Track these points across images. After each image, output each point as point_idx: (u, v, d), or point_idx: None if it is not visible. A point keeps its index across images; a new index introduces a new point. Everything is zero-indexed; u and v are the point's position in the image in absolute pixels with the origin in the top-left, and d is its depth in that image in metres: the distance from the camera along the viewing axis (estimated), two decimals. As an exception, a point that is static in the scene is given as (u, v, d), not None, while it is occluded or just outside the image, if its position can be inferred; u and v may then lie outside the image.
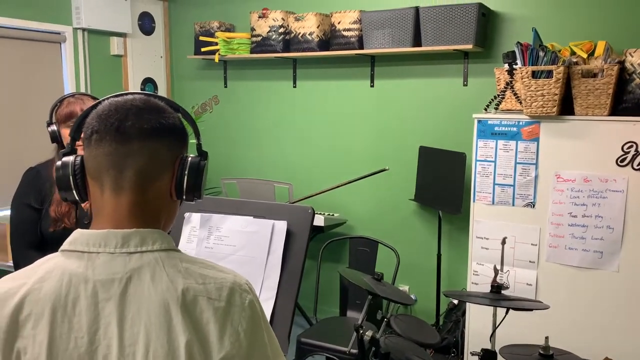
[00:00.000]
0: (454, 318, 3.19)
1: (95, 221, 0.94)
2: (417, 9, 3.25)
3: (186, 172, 0.95)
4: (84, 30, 3.68)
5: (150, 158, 0.92)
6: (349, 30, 3.50)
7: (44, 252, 2.22)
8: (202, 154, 1.00)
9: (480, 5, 3.10)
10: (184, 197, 0.97)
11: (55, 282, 0.87)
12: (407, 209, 3.61)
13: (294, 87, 3.95)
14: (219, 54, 3.86)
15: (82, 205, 2.20)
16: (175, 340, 0.85)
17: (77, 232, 0.92)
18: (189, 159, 0.96)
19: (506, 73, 2.73)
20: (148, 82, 4.22)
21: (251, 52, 3.84)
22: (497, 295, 1.94)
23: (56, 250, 2.37)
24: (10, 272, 3.07)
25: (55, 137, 2.19)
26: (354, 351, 2.14)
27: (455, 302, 3.27)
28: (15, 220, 2.20)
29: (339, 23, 3.53)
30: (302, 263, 1.37)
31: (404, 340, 2.22)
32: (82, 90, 3.72)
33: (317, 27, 3.58)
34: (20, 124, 3.39)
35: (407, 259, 3.50)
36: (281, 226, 1.41)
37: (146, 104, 0.94)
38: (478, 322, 2.80)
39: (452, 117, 3.42)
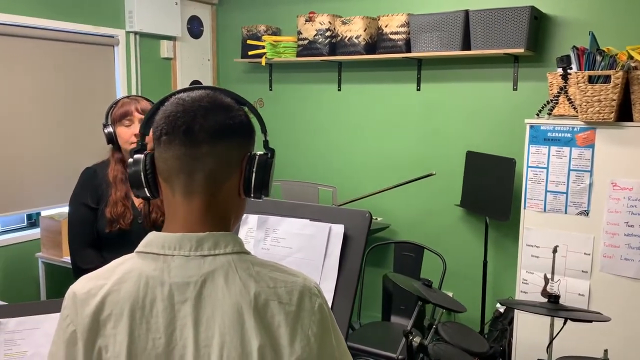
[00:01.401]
0: (500, 327, 3.13)
1: (168, 223, 0.96)
2: (467, 12, 3.21)
3: (254, 170, 0.95)
4: (136, 33, 3.78)
5: (220, 160, 0.92)
6: (396, 33, 3.48)
7: (100, 250, 2.29)
8: (270, 151, 1.00)
9: (533, 8, 3.04)
10: (252, 195, 0.97)
11: (133, 284, 0.89)
12: (453, 214, 3.56)
13: (339, 90, 3.96)
14: (265, 57, 3.90)
15: (137, 204, 2.25)
16: (248, 343, 0.86)
17: (153, 235, 0.94)
18: (257, 156, 0.96)
19: (560, 78, 2.66)
20: (195, 84, 4.29)
21: (297, 56, 3.87)
22: (554, 305, 1.89)
23: (112, 250, 2.42)
24: (63, 267, 3.18)
25: (111, 139, 2.25)
26: (402, 357, 2.12)
27: (502, 310, 3.20)
28: (72, 219, 2.26)
29: (386, 26, 3.52)
30: (359, 267, 1.36)
31: (452, 347, 2.20)
32: (133, 92, 3.82)
33: (364, 30, 3.57)
34: (74, 124, 3.50)
35: (452, 266, 3.45)
36: (338, 230, 1.41)
37: (212, 103, 0.94)
38: (527, 332, 2.73)
39: (500, 122, 3.36)
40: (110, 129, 2.23)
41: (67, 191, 3.53)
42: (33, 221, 3.46)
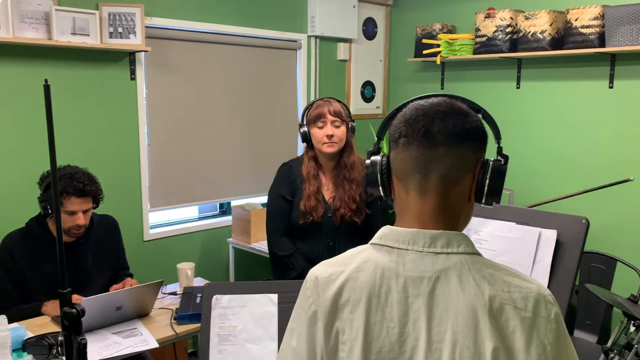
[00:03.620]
0: None
1: (400, 219, 1.00)
2: (677, 0, 2.87)
3: (488, 176, 0.97)
4: (316, 37, 3.99)
5: (455, 162, 0.95)
6: (587, 27, 3.23)
7: (294, 240, 2.47)
8: (504, 157, 1.01)
9: None
10: (483, 200, 0.99)
11: (370, 273, 0.94)
12: (649, 225, 3.21)
13: (517, 88, 3.79)
14: (440, 56, 3.87)
15: (327, 199, 2.38)
16: (482, 345, 0.87)
17: (387, 228, 0.99)
18: (491, 162, 0.98)
19: None
20: (367, 85, 4.41)
21: (474, 53, 3.78)
22: None
23: (304, 240, 2.59)
24: (249, 252, 3.47)
25: (306, 138, 2.40)
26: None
27: None
28: (271, 209, 2.46)
29: (576, 20, 3.28)
30: (573, 278, 1.30)
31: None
32: (312, 93, 4.05)
33: (550, 25, 3.37)
34: (261, 124, 3.81)
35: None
36: (549, 235, 1.36)
37: (450, 109, 0.97)
38: None
39: None
40: (305, 129, 2.38)
41: (253, 184, 3.88)
42: (224, 210, 3.84)
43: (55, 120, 3.21)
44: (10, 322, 1.98)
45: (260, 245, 3.35)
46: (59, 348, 1.96)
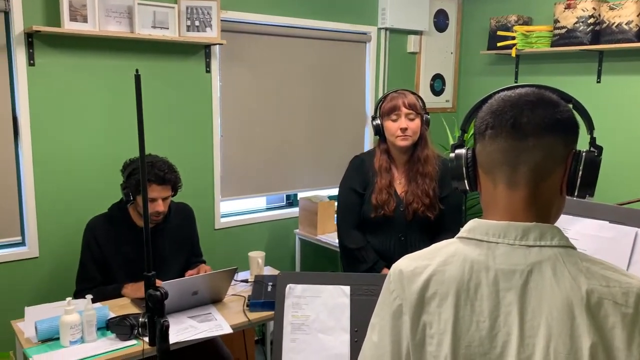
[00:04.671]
0: None
1: (488, 212, 0.98)
2: None
3: (580, 168, 0.93)
4: (386, 29, 3.95)
5: (545, 154, 0.91)
6: (680, 17, 3.03)
7: (364, 233, 2.46)
8: (597, 148, 0.97)
9: None
10: (576, 193, 0.94)
11: (458, 267, 0.92)
12: None
13: (598, 82, 3.60)
14: (515, 48, 3.74)
15: (399, 193, 2.36)
16: (578, 340, 0.83)
17: (475, 221, 0.97)
18: (584, 153, 0.93)
19: None
20: (437, 78, 4.33)
21: (551, 45, 3.63)
22: None
23: (374, 233, 2.57)
24: (315, 244, 3.50)
25: (378, 131, 2.38)
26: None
27: None
28: (342, 202, 2.46)
29: (667, 9, 3.08)
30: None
31: None
32: (381, 86, 4.01)
33: (637, 15, 3.18)
34: (329, 117, 3.82)
35: None
36: (647, 236, 1.29)
37: (539, 99, 0.93)
38: None
39: None
40: (378, 122, 2.35)
41: (320, 177, 3.91)
42: (290, 201, 3.89)
43: (134, 112, 3.34)
44: (93, 302, 2.09)
45: (327, 237, 3.37)
46: (140, 329, 2.06)
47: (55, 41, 2.75)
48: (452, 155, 1.04)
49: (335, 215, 2.49)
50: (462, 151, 1.02)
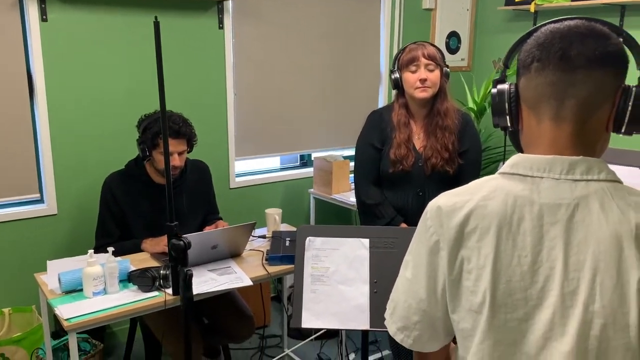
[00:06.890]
0: None
1: (531, 148, 0.96)
2: None
3: (630, 103, 0.90)
4: (401, -15, 3.85)
5: (594, 88, 0.89)
6: None
7: (382, 189, 2.44)
8: None
9: None
10: (623, 130, 0.92)
11: (500, 202, 0.91)
12: None
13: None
14: (535, 4, 3.64)
15: (418, 148, 2.33)
16: (626, 273, 0.83)
17: (518, 157, 0.95)
18: (634, 88, 0.91)
19: None
20: (452, 35, 4.24)
21: (572, 0, 3.53)
22: None
23: (392, 189, 2.55)
24: (329, 203, 3.50)
25: (397, 84, 2.34)
26: None
27: None
28: (360, 158, 2.43)
29: (695, -41, 2.97)
30: None
31: None
32: (395, 43, 3.94)
33: (663, -34, 3.07)
34: (343, 75, 3.76)
35: None
36: (679, 180, 1.26)
37: (590, 30, 0.90)
38: None
39: None
40: (396, 75, 2.31)
41: (333, 137, 3.88)
42: (304, 162, 3.87)
43: (149, 67, 3.30)
44: (113, 255, 2.10)
45: (342, 196, 3.37)
46: (162, 281, 2.08)
47: (67, -4, 2.71)
48: (494, 90, 1.01)
49: (351, 174, 2.47)
50: (505, 86, 0.99)
